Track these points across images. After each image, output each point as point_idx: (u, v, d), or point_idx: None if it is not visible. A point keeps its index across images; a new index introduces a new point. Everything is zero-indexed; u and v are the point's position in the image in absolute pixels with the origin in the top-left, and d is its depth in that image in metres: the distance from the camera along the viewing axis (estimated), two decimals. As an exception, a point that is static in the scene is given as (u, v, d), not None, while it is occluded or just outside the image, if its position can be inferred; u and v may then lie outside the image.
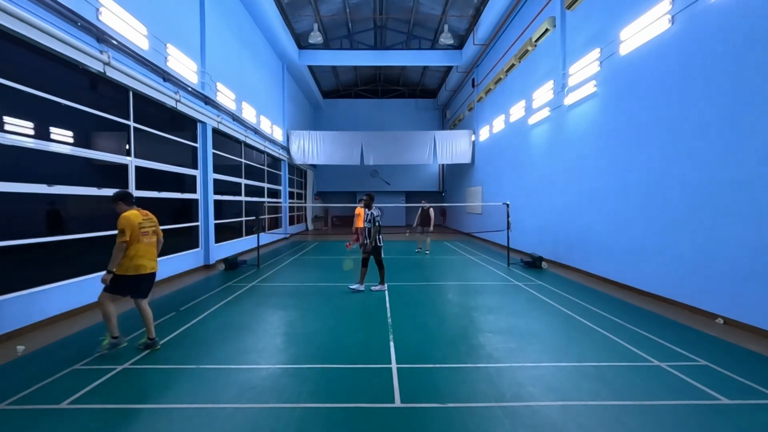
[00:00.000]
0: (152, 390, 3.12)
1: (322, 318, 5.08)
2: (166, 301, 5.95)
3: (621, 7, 6.84)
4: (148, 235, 3.85)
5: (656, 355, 3.80)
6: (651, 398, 2.96)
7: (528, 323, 4.82)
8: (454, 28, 15.30)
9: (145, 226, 3.83)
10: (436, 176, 24.72)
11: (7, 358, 3.77)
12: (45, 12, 4.70)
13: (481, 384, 3.20)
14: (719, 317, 4.85)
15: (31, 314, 4.62)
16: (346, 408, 2.84)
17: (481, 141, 16.08)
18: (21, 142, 4.60)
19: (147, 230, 3.85)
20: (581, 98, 8.15)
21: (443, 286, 7.04)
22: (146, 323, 3.93)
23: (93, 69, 5.41)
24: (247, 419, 2.69)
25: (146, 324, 3.93)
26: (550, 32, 9.46)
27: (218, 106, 9.35)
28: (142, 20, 6.63)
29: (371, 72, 22.26)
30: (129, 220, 3.69)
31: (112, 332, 3.77)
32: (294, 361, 3.70)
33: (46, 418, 2.71)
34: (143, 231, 3.79)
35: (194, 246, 8.78)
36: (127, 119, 6.45)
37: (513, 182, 12.41)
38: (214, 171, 9.45)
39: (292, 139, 16.70)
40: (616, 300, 5.97)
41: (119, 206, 3.80)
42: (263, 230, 11.91)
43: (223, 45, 10.06)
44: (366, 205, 6.66)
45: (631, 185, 6.59)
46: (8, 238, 4.42)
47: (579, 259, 8.33)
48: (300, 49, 16.39)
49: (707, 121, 5.07)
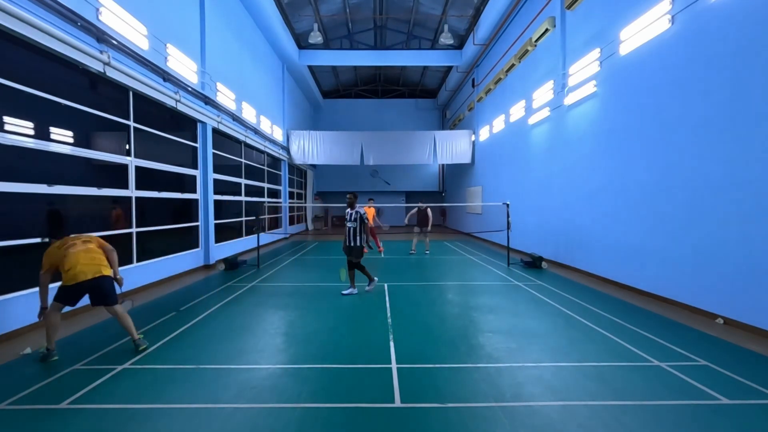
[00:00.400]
0: (152, 390, 3.11)
1: (322, 318, 5.08)
2: (166, 301, 5.95)
3: (621, 7, 6.84)
4: (76, 245, 3.82)
5: (656, 355, 3.80)
6: (651, 398, 2.96)
7: (528, 323, 4.82)
8: (454, 28, 15.30)
9: (68, 244, 3.82)
10: (436, 176, 24.72)
11: (7, 358, 3.78)
12: (45, 12, 4.70)
13: (481, 384, 3.20)
14: (719, 317, 4.85)
15: (32, 314, 4.61)
16: (346, 408, 2.84)
17: (481, 141, 16.08)
18: (21, 142, 4.60)
19: (73, 242, 3.85)
20: (581, 98, 8.15)
21: (443, 286, 7.04)
22: (125, 328, 3.91)
23: (93, 69, 5.42)
24: (247, 419, 2.69)
25: (125, 328, 3.91)
26: (550, 32, 9.46)
27: (218, 106, 9.35)
28: (142, 20, 6.63)
29: (371, 72, 22.25)
30: (45, 255, 3.75)
31: (48, 343, 3.72)
32: (294, 361, 3.70)
33: (46, 418, 2.71)
34: (67, 246, 3.78)
35: (194, 246, 8.78)
36: (127, 119, 6.45)
37: (513, 182, 12.41)
38: (214, 171, 9.45)
39: (292, 139, 16.70)
40: (616, 300, 5.97)
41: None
42: (263, 230, 11.91)
43: (223, 45, 10.06)
44: (350, 204, 6.51)
45: (631, 185, 6.59)
46: (8, 238, 4.42)
47: (579, 259, 8.33)
48: (300, 49, 16.39)
49: (707, 121, 5.06)
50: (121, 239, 6.31)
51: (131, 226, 6.54)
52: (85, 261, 3.75)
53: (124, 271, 6.29)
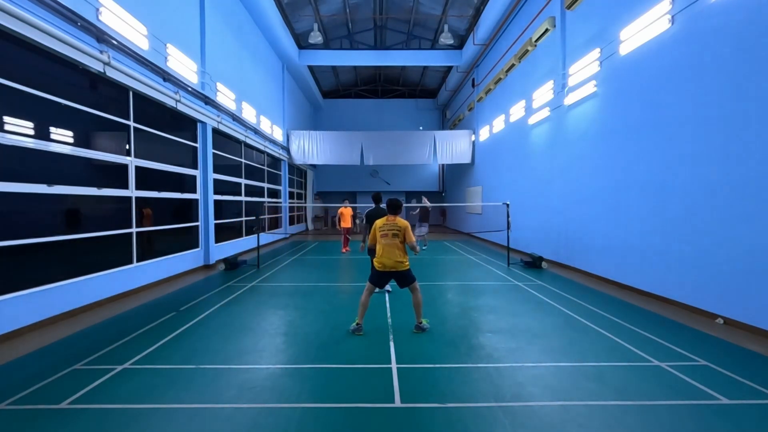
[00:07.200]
0: (152, 390, 3.11)
1: (322, 318, 5.08)
2: (166, 301, 5.95)
3: (621, 7, 6.84)
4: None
5: (656, 355, 3.80)
6: (651, 398, 2.96)
7: (528, 323, 4.82)
8: (454, 28, 15.29)
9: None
10: (436, 176, 24.72)
11: (7, 358, 3.77)
12: (45, 12, 4.70)
13: (481, 384, 3.20)
14: (719, 317, 4.85)
15: (31, 314, 4.62)
16: (346, 408, 2.84)
17: (481, 141, 16.08)
18: (21, 142, 4.60)
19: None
20: (581, 98, 8.15)
21: (443, 286, 7.04)
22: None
23: (93, 69, 5.41)
24: (247, 419, 2.69)
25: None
26: (550, 32, 9.46)
27: (218, 106, 9.35)
28: (142, 20, 6.63)
29: (371, 72, 22.24)
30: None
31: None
32: (294, 361, 3.70)
33: (46, 418, 2.71)
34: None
35: (194, 246, 8.78)
36: (127, 119, 6.44)
37: (513, 182, 12.41)
38: (214, 171, 9.45)
39: (292, 139, 16.69)
40: (616, 300, 5.97)
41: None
42: (263, 230, 11.91)
43: (223, 45, 10.06)
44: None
45: (631, 185, 6.59)
46: (7, 238, 4.42)
47: (579, 259, 8.33)
48: (300, 49, 16.38)
49: (707, 121, 5.06)
50: (121, 239, 6.31)
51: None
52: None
53: (124, 271, 6.31)
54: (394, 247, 4.34)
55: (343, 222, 11.87)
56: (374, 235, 4.49)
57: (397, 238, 4.35)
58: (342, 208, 11.93)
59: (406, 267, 4.39)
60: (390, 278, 4.50)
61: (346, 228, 11.94)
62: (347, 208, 11.94)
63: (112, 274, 6.03)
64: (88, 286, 5.50)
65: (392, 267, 4.34)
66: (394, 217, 4.47)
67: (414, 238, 4.43)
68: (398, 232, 4.36)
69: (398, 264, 4.34)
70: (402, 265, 4.35)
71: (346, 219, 11.92)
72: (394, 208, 4.53)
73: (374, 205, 6.51)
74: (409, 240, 4.36)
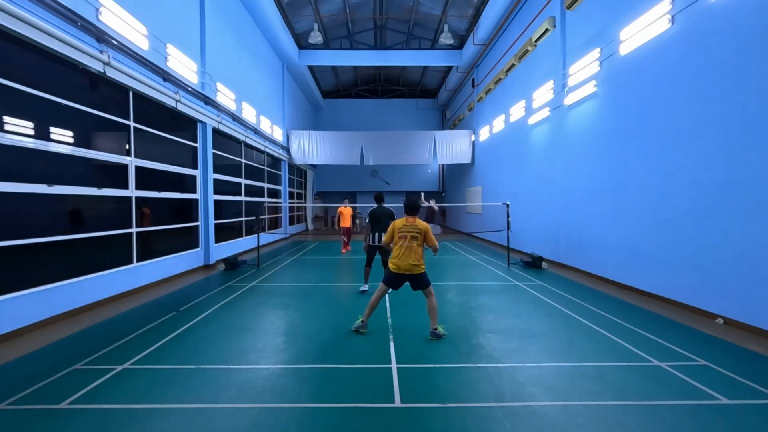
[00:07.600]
0: (152, 390, 3.11)
1: (322, 318, 5.08)
2: (166, 301, 5.95)
3: (621, 7, 6.84)
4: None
5: (656, 355, 3.80)
6: (651, 398, 2.96)
7: (528, 323, 4.82)
8: (454, 28, 15.29)
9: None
10: (436, 176, 24.72)
11: (7, 358, 3.78)
12: (45, 12, 4.70)
13: (481, 384, 3.20)
14: (719, 317, 4.85)
15: (32, 314, 4.63)
16: (346, 408, 2.84)
17: (481, 141, 16.08)
18: (21, 142, 4.60)
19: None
20: (581, 98, 8.15)
21: (443, 286, 7.04)
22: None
23: (93, 69, 5.41)
24: (247, 419, 2.69)
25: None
26: (550, 32, 9.46)
27: (218, 106, 9.35)
28: (142, 20, 6.63)
29: (371, 72, 22.24)
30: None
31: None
32: (294, 361, 3.70)
33: (46, 418, 2.71)
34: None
35: (194, 246, 8.78)
36: (127, 119, 6.44)
37: (513, 182, 12.41)
38: (214, 171, 9.45)
39: (292, 139, 16.70)
40: (617, 300, 5.97)
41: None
42: (263, 230, 11.91)
43: (223, 45, 10.06)
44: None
45: (631, 185, 6.59)
46: (7, 238, 4.42)
47: (579, 259, 8.33)
48: (300, 49, 16.38)
49: (707, 121, 5.06)
50: (122, 239, 6.31)
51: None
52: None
53: (124, 271, 6.31)
54: (411, 249, 4.24)
55: (342, 221, 11.88)
56: (391, 235, 4.38)
57: (416, 241, 4.24)
58: (341, 208, 11.91)
59: (421, 270, 4.28)
60: (405, 281, 4.37)
61: (346, 228, 11.94)
62: (347, 207, 11.90)
63: (113, 274, 6.03)
64: (88, 286, 5.50)
65: (407, 269, 4.24)
66: (414, 219, 4.35)
67: (436, 242, 4.32)
68: (417, 234, 4.25)
69: (413, 267, 4.23)
70: (417, 268, 4.25)
71: (346, 218, 11.91)
72: (412, 209, 4.38)
73: (376, 205, 6.50)
74: (431, 243, 4.27)
